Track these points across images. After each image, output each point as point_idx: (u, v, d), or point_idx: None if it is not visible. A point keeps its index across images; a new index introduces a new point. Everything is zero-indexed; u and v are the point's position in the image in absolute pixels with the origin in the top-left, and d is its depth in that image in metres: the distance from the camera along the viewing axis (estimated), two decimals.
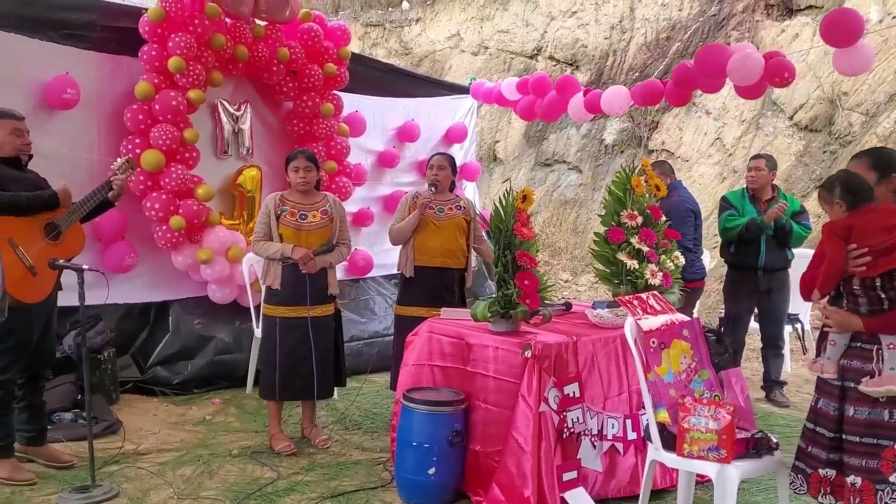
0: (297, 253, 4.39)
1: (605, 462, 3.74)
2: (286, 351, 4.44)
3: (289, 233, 4.46)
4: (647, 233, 4.30)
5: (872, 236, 2.93)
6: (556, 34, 12.91)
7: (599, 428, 3.67)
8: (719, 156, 10.51)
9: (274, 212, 4.46)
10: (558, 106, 6.89)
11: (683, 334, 3.39)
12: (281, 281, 4.43)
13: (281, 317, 4.45)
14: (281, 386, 4.46)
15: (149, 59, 5.28)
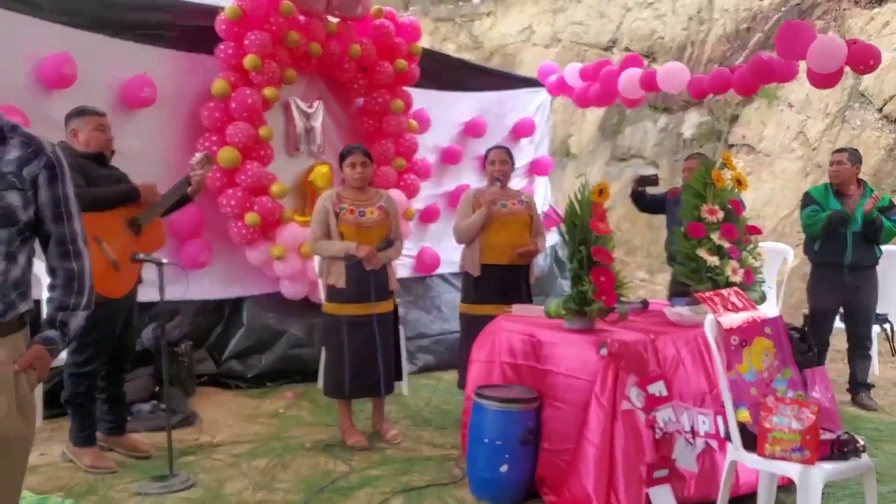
0: (363, 250, 4.37)
1: (703, 463, 3.59)
2: (355, 349, 4.44)
3: (350, 230, 4.44)
4: (728, 228, 4.15)
5: None
6: (631, 25, 12.66)
7: (692, 425, 3.55)
8: (802, 150, 10.13)
9: (332, 210, 4.45)
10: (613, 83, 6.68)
11: (766, 332, 3.25)
12: (346, 279, 4.42)
13: (347, 315, 4.45)
14: (350, 385, 4.47)
15: (225, 57, 5.37)
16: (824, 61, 5.18)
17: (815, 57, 5.18)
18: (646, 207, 6.10)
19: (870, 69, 5.21)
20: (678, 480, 3.54)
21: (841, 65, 5.14)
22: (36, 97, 4.64)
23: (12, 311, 2.17)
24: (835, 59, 5.12)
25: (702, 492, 3.61)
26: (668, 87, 6.32)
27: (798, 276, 8.02)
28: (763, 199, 10.01)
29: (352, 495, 3.82)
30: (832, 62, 5.14)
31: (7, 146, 2.16)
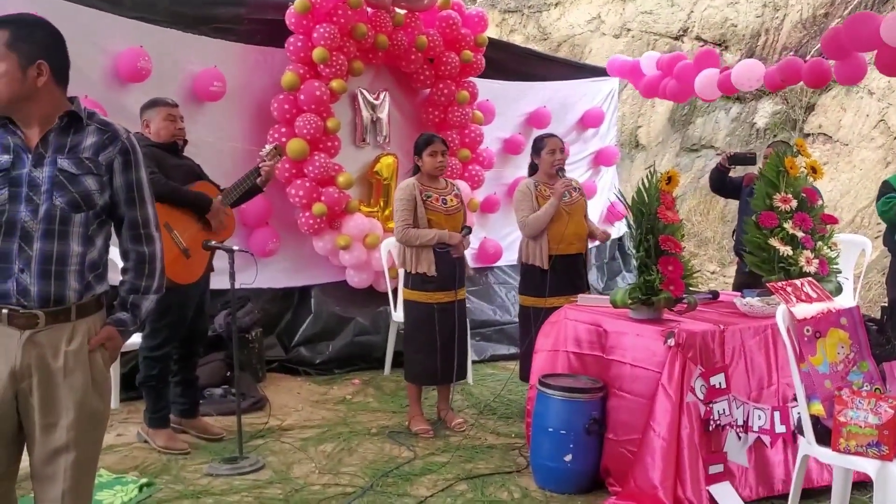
0: (455, 238, 4.44)
1: (752, 457, 3.55)
2: (446, 336, 4.49)
3: (439, 218, 4.48)
4: (801, 217, 4.02)
5: None
6: (703, 13, 12.37)
7: (745, 419, 3.48)
8: (883, 139, 9.75)
9: (420, 197, 4.47)
10: (688, 80, 6.54)
11: (841, 323, 3.14)
12: (436, 267, 4.45)
13: (438, 303, 4.48)
14: (442, 370, 4.51)
15: (294, 50, 5.45)
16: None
17: (888, 31, 4.91)
18: (722, 189, 5.80)
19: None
20: (730, 476, 3.49)
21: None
22: (112, 90, 4.80)
23: (89, 293, 2.25)
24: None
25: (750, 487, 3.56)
26: (741, 86, 6.15)
27: (877, 269, 7.74)
28: (840, 189, 9.67)
29: (416, 481, 3.85)
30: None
31: (85, 133, 2.24)
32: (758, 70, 6.09)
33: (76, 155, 2.20)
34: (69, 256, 2.19)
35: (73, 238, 2.19)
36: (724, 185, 5.74)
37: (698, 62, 6.55)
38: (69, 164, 2.19)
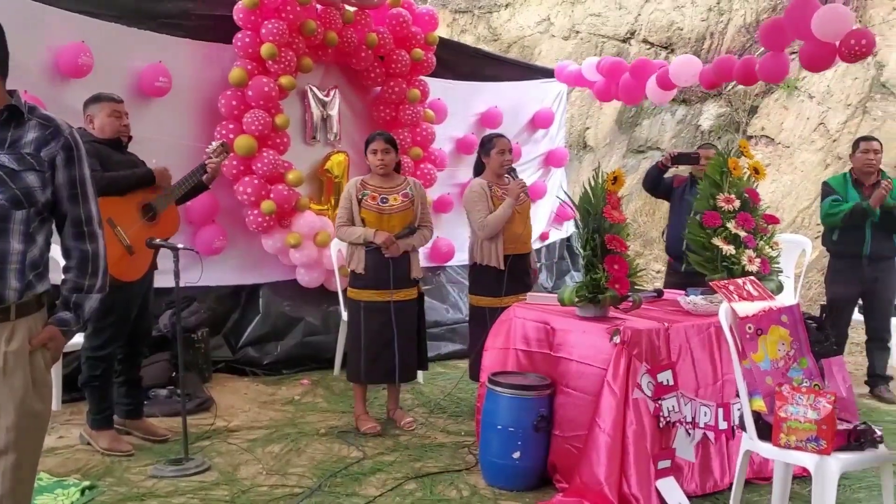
0: (380, 237, 4.40)
1: (699, 453, 3.62)
2: (371, 335, 4.47)
3: (371, 217, 4.47)
4: (744, 217, 4.12)
5: None
6: (650, 16, 12.57)
7: (693, 416, 3.55)
8: (822, 141, 10.04)
9: (355, 196, 4.47)
10: (635, 88, 6.66)
11: (782, 320, 3.23)
12: (365, 265, 4.45)
13: (365, 301, 4.48)
14: (366, 369, 4.50)
15: (242, 45, 5.39)
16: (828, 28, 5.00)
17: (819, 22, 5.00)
18: (655, 189, 5.74)
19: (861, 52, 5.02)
20: (677, 472, 3.55)
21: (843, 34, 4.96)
22: (52, 85, 4.68)
23: (30, 292, 2.20)
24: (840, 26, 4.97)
25: (696, 482, 3.63)
26: (679, 81, 6.26)
27: (817, 268, 7.96)
28: (782, 190, 9.92)
29: (365, 480, 3.84)
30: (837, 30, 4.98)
31: (25, 127, 2.18)
32: (694, 66, 6.20)
33: (17, 150, 2.15)
34: (9, 254, 2.13)
35: (13, 236, 2.14)
36: (657, 186, 5.70)
37: (635, 73, 6.66)
38: (9, 159, 2.13)
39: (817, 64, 5.33)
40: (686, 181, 5.46)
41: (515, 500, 3.67)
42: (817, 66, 5.42)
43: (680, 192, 5.45)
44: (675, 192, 5.49)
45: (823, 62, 5.27)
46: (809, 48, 5.22)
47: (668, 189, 5.59)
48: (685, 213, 5.14)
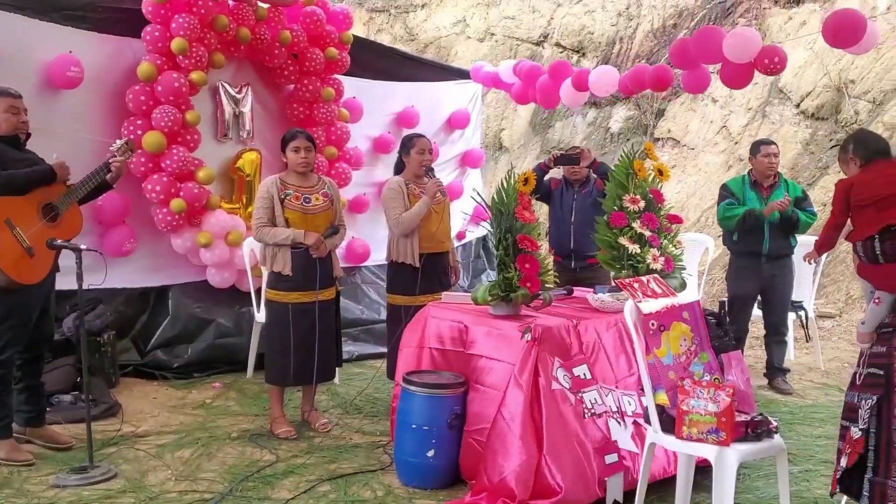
0: (311, 238, 4.36)
1: (638, 443, 3.67)
2: (301, 336, 4.41)
3: (296, 217, 4.40)
4: (649, 217, 4.26)
5: (871, 191, 2.91)
6: (562, 21, 12.83)
7: (618, 406, 3.64)
8: (725, 144, 10.44)
9: (277, 196, 4.40)
10: (552, 91, 6.80)
11: (683, 317, 3.35)
12: (292, 266, 4.38)
13: (294, 303, 4.41)
14: (295, 372, 4.44)
15: (151, 39, 5.25)
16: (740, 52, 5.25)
17: (730, 48, 5.26)
18: (537, 190, 5.56)
19: (776, 68, 5.32)
20: (623, 465, 3.60)
21: (755, 55, 5.23)
22: None
23: None
24: (749, 49, 5.22)
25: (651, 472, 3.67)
26: (598, 91, 6.43)
27: (719, 266, 8.29)
28: (687, 191, 10.28)
29: (277, 484, 3.80)
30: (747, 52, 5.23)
31: None
32: (612, 76, 6.38)
33: None
34: None
35: None
36: (538, 187, 5.64)
37: (552, 74, 6.79)
38: None
39: (737, 82, 5.65)
40: (561, 184, 5.60)
41: (429, 498, 3.69)
42: (738, 84, 5.74)
43: (558, 193, 5.59)
44: (554, 194, 5.62)
45: (743, 80, 5.58)
46: (728, 69, 5.48)
47: (548, 191, 5.72)
48: (566, 213, 5.42)
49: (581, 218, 5.30)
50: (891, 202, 2.85)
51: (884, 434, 2.90)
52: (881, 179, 2.92)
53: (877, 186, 2.91)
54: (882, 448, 2.90)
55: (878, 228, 2.87)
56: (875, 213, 2.88)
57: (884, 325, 2.92)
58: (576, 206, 5.38)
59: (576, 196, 5.41)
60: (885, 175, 2.93)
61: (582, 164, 5.40)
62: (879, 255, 2.88)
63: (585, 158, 5.41)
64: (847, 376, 5.95)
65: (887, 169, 2.95)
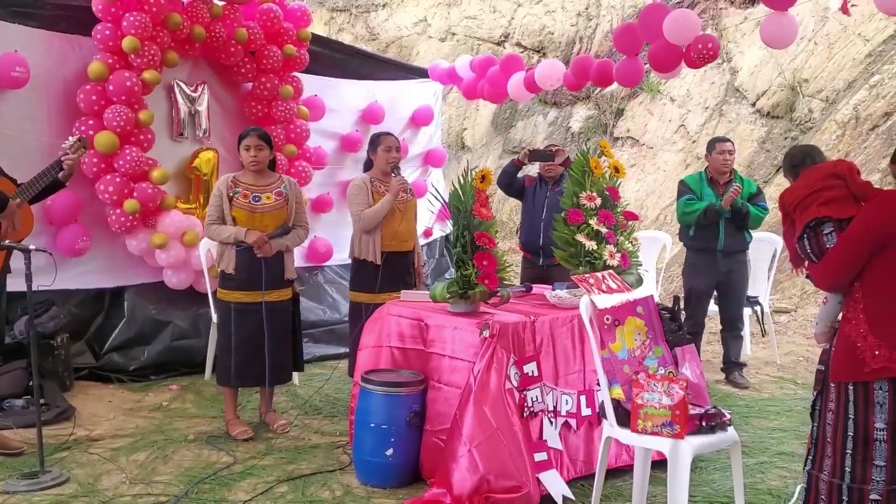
0: (252, 237, 4.30)
1: (563, 440, 3.73)
2: (242, 337, 4.37)
3: (242, 216, 4.36)
4: (605, 214, 4.30)
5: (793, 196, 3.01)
6: (523, 21, 12.90)
7: (554, 405, 3.67)
8: (683, 143, 10.57)
9: (226, 194, 4.36)
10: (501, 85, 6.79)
11: (637, 311, 3.39)
12: (235, 265, 4.34)
13: (236, 302, 4.37)
14: (236, 372, 4.39)
15: (102, 38, 5.16)
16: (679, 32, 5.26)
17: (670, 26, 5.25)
18: (510, 187, 5.80)
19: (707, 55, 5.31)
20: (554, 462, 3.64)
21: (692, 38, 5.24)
22: None
23: None
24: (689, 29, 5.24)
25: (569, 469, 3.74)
26: (545, 85, 6.44)
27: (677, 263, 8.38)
28: (646, 189, 10.39)
29: (234, 486, 3.76)
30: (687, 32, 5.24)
31: None
32: (558, 69, 6.39)
33: None
34: None
35: None
36: (512, 183, 5.79)
37: (504, 67, 6.81)
38: None
39: (663, 65, 5.58)
40: (535, 181, 5.64)
41: (388, 497, 3.68)
42: (664, 68, 5.66)
43: (531, 190, 5.62)
44: (528, 191, 5.65)
45: (669, 64, 5.54)
46: (657, 49, 5.47)
47: (521, 188, 5.74)
48: (538, 210, 5.45)
49: (552, 215, 5.33)
50: (808, 202, 2.93)
51: (820, 428, 2.97)
52: (803, 185, 3.03)
53: (798, 191, 3.02)
54: (819, 442, 2.97)
55: (801, 229, 2.95)
56: (799, 214, 2.97)
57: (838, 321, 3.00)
58: (547, 204, 5.41)
59: (548, 193, 5.45)
60: (805, 180, 3.03)
61: (557, 160, 5.45)
62: (811, 255, 2.96)
63: (560, 155, 5.47)
64: (802, 370, 6.13)
65: (808, 175, 3.05)
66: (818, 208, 2.90)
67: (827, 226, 2.90)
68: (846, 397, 2.86)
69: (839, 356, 2.90)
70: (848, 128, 8.50)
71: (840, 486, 2.87)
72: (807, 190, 2.95)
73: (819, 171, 3.03)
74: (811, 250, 2.94)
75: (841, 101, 8.88)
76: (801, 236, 2.97)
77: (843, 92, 8.96)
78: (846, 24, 9.14)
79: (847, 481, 2.85)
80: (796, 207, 2.99)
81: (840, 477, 2.87)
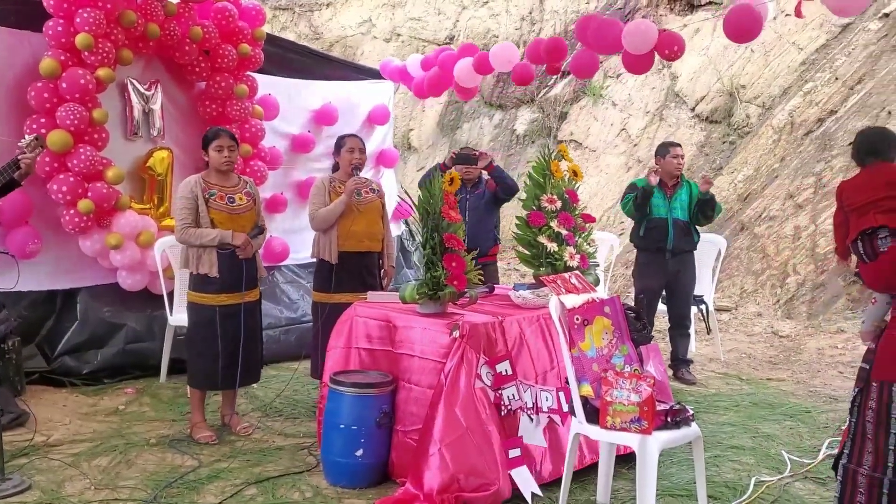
0: (239, 238, 4.29)
1: (548, 437, 3.79)
2: (228, 339, 4.34)
3: (222, 218, 4.33)
4: (565, 216, 4.41)
5: (854, 197, 3.11)
6: (468, 23, 13.02)
7: (534, 401, 3.74)
8: (625, 146, 10.83)
9: (202, 196, 4.31)
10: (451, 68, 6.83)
11: (605, 311, 3.50)
12: (218, 268, 4.30)
13: (221, 305, 4.33)
14: (224, 375, 4.37)
15: (54, 34, 5.05)
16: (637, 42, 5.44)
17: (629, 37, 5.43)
18: None
19: (675, 55, 5.54)
20: (529, 459, 3.72)
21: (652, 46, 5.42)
22: None
23: None
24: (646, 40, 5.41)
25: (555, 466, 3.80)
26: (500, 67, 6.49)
27: (620, 263, 8.61)
28: (590, 191, 10.62)
29: (202, 489, 3.73)
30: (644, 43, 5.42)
31: None
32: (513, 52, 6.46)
33: None
34: None
35: None
36: None
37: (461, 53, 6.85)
38: None
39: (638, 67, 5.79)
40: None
41: (358, 497, 3.71)
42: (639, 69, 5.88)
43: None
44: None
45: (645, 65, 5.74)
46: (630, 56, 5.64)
47: None
48: (465, 212, 5.43)
49: (475, 217, 5.49)
50: (868, 208, 3.04)
51: (860, 424, 3.08)
52: (865, 187, 3.10)
53: (861, 192, 3.10)
54: (857, 437, 3.08)
55: (856, 234, 3.07)
56: (856, 218, 3.08)
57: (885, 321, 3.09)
58: (469, 206, 5.52)
59: (469, 196, 5.55)
60: (870, 182, 3.11)
61: (480, 164, 5.57)
62: (864, 256, 3.08)
63: (483, 159, 5.59)
64: (745, 366, 6.38)
65: (875, 176, 3.11)
66: (876, 217, 3.01)
67: (882, 231, 3.01)
68: (889, 396, 2.97)
69: (886, 356, 2.99)
70: (783, 133, 8.85)
71: (881, 480, 2.97)
72: (868, 196, 3.03)
73: (883, 175, 3.10)
74: (864, 251, 3.06)
75: (777, 106, 9.25)
76: (855, 240, 3.08)
77: (778, 98, 9.33)
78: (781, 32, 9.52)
79: (889, 476, 2.95)
80: (854, 210, 3.08)
81: (882, 471, 2.97)
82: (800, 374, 6.17)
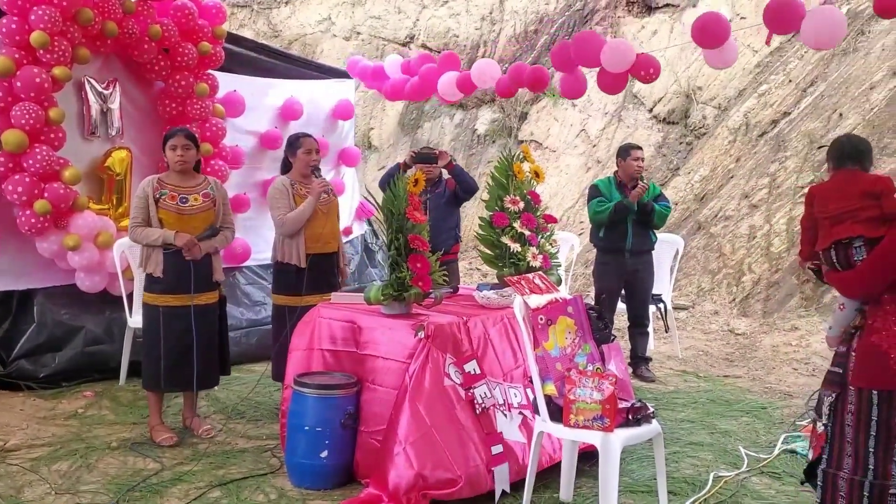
0: (181, 239, 4.25)
1: (525, 433, 3.80)
2: (171, 341, 4.30)
3: (170, 218, 4.30)
4: (528, 217, 4.46)
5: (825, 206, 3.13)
6: (428, 22, 13.04)
7: (504, 398, 3.78)
8: (584, 147, 10.95)
9: (152, 195, 4.27)
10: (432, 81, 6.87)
11: (568, 311, 3.56)
12: (163, 268, 4.27)
13: (164, 306, 4.30)
14: (166, 377, 4.32)
15: (8, 32, 4.95)
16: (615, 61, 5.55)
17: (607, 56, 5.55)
18: None
19: (651, 78, 5.70)
20: (511, 455, 3.74)
21: (628, 68, 5.56)
22: None
23: None
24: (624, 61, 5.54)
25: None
26: (482, 83, 6.55)
27: (580, 263, 8.71)
28: (550, 192, 10.72)
29: (166, 492, 3.70)
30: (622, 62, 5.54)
31: None
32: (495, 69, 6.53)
33: None
34: None
35: None
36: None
37: (442, 64, 6.89)
38: None
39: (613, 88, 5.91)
40: None
41: (323, 499, 3.71)
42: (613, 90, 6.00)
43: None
44: None
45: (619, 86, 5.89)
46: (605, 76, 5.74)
47: None
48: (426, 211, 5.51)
49: (435, 216, 5.48)
50: (843, 217, 3.05)
51: (837, 428, 3.11)
52: (838, 194, 3.11)
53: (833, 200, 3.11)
54: (835, 441, 3.11)
55: (828, 243, 3.11)
56: (830, 226, 3.10)
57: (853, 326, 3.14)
58: (430, 205, 5.53)
59: (429, 195, 5.56)
60: (842, 190, 3.11)
61: (440, 163, 5.59)
62: (836, 264, 3.12)
63: (443, 158, 5.61)
64: (702, 364, 6.51)
65: (848, 184, 3.12)
66: (852, 226, 3.02)
67: (858, 240, 3.03)
68: (869, 402, 3.00)
69: (864, 363, 3.02)
70: (739, 134, 9.04)
71: (862, 483, 3.00)
72: (842, 205, 3.05)
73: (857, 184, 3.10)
74: (837, 260, 3.09)
75: (732, 108, 9.44)
76: (828, 248, 3.12)
77: (734, 100, 9.53)
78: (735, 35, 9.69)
79: (870, 478, 2.99)
80: (828, 218, 3.09)
81: (863, 474, 3.01)
82: (755, 371, 6.31)
